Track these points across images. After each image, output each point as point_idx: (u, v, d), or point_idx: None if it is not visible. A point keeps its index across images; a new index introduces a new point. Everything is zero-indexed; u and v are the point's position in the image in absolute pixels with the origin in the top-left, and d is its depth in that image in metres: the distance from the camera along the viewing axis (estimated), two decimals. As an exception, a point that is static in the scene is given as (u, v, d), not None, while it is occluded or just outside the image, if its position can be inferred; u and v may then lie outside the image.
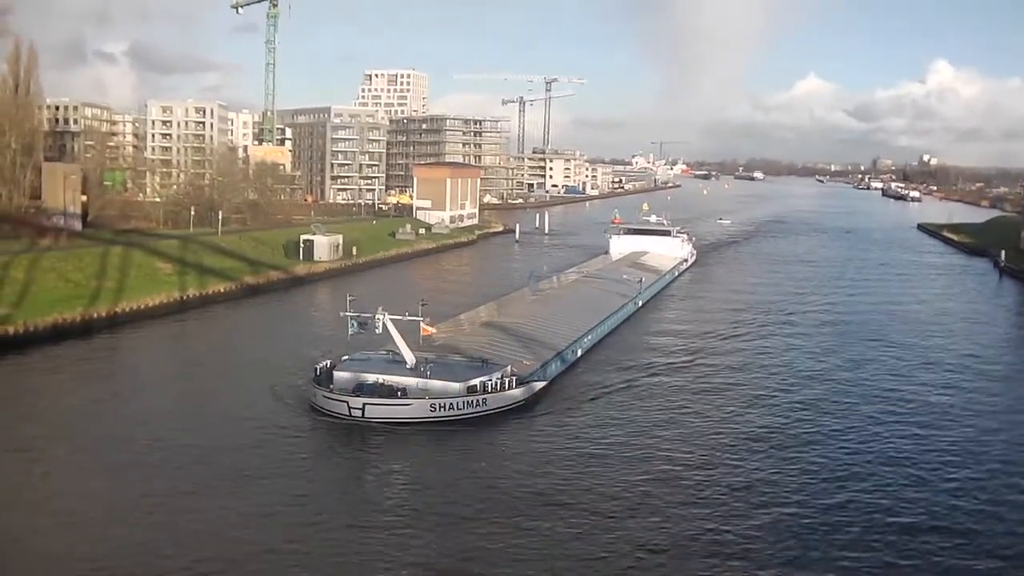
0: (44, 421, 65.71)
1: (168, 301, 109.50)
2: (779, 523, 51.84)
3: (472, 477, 58.09)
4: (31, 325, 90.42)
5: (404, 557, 46.26)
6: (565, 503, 53.49)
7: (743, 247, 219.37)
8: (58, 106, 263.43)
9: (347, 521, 50.57)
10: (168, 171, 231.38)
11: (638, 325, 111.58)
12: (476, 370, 73.16)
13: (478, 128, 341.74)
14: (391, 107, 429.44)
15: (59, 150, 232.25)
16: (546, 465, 60.13)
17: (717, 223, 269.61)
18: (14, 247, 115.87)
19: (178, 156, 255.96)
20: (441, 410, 67.78)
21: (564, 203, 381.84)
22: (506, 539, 48.53)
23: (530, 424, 69.61)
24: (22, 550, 45.05)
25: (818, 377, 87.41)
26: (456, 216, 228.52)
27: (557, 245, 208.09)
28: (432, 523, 50.44)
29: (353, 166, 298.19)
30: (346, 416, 66.16)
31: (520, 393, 73.16)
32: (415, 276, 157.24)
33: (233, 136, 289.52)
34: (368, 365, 73.33)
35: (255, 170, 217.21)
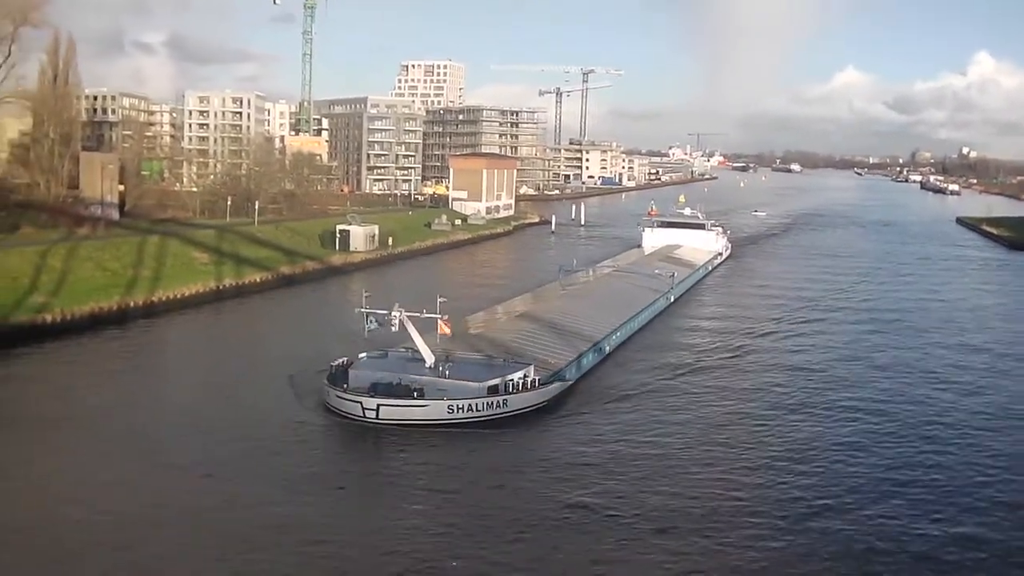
0: (74, 409, 65.52)
1: (204, 291, 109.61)
2: (841, 537, 47.98)
3: (477, 487, 54.28)
4: (68, 314, 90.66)
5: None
6: (584, 525, 48.89)
7: (780, 240, 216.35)
8: (96, 96, 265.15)
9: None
10: (205, 161, 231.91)
11: (670, 321, 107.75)
12: (498, 369, 69.94)
13: (515, 119, 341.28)
14: (428, 98, 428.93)
15: (97, 140, 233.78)
16: (563, 475, 56.07)
17: (752, 215, 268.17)
18: (52, 236, 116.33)
19: (215, 146, 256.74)
20: (459, 412, 64.35)
21: (600, 194, 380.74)
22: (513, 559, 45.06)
23: (552, 427, 66.08)
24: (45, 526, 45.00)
25: (860, 382, 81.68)
26: (492, 207, 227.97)
27: (593, 237, 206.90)
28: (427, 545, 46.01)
29: (389, 157, 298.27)
30: (360, 417, 63.32)
31: (543, 393, 69.54)
32: (450, 267, 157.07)
33: (270, 126, 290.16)
34: (385, 363, 70.49)
35: (291, 160, 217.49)
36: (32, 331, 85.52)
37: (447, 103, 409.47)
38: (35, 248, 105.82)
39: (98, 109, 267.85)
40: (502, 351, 76.40)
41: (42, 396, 68.80)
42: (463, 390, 65.55)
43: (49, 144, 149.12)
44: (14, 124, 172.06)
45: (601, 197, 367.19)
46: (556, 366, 75.53)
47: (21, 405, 66.63)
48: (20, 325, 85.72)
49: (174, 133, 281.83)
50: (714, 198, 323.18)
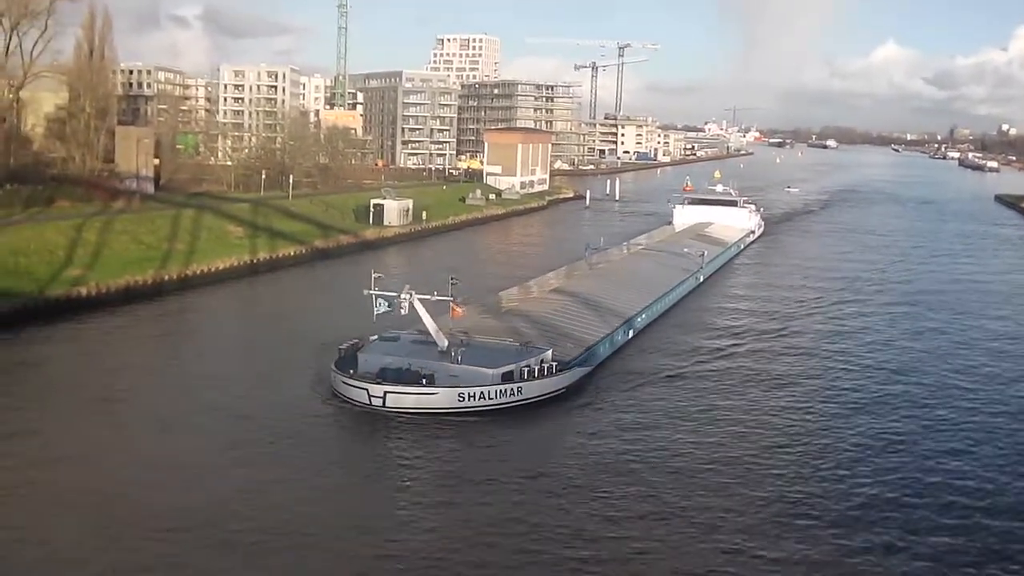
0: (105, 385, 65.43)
1: (238, 264, 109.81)
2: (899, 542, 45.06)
3: (472, 484, 50.31)
4: (103, 287, 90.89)
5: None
6: (597, 535, 44.55)
7: (815, 218, 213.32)
8: (132, 70, 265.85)
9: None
10: (240, 135, 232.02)
11: (699, 302, 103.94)
12: (513, 354, 65.83)
13: (550, 93, 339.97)
14: (463, 72, 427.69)
15: (132, 114, 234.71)
16: (573, 470, 52.49)
17: (785, 191, 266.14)
18: (87, 210, 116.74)
19: (250, 120, 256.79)
20: (470, 400, 60.80)
21: (635, 170, 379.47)
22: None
23: (568, 417, 62.35)
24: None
25: (902, 369, 77.22)
26: (526, 182, 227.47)
27: (627, 212, 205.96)
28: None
29: (424, 131, 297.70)
30: (366, 404, 60.18)
31: (561, 380, 65.77)
32: (483, 242, 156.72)
33: (305, 100, 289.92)
34: (395, 347, 66.59)
35: (326, 134, 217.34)
36: (67, 304, 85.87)
37: (482, 77, 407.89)
38: (71, 222, 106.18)
39: (134, 83, 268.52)
40: (519, 334, 72.29)
41: (73, 370, 69.10)
42: (475, 377, 61.94)
43: (85, 118, 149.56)
44: (50, 98, 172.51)
45: (636, 172, 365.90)
46: (576, 351, 71.87)
47: (54, 378, 66.82)
48: (56, 298, 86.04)
49: (209, 107, 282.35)
50: (749, 174, 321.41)
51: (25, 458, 50.16)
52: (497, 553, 42.71)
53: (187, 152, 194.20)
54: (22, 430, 54.32)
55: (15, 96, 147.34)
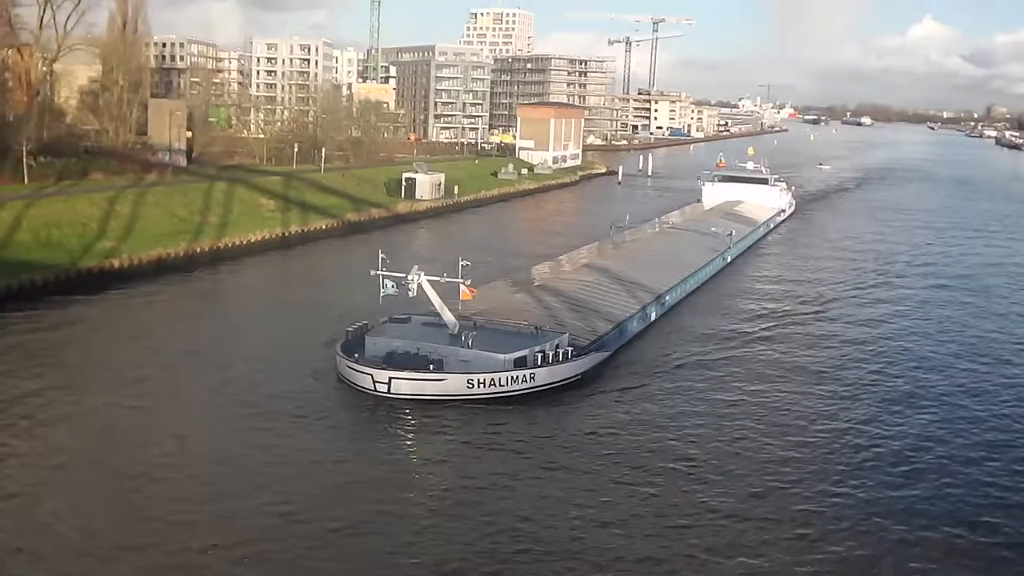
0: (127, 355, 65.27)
1: (270, 237, 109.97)
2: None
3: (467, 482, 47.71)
4: (135, 259, 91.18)
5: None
6: (603, 546, 41.38)
7: (848, 197, 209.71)
8: (165, 43, 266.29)
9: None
10: (272, 108, 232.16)
11: (725, 284, 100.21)
12: (527, 339, 62.99)
13: (583, 68, 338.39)
14: (496, 46, 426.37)
15: (165, 87, 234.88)
16: (583, 465, 49.60)
17: (817, 168, 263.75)
18: (120, 182, 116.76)
19: (282, 93, 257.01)
20: (480, 386, 57.97)
21: (668, 145, 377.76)
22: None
23: (582, 405, 59.13)
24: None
25: (939, 358, 73.37)
26: (559, 157, 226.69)
27: (660, 188, 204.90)
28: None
29: (456, 105, 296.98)
30: (371, 390, 57.48)
31: (577, 366, 62.61)
32: (514, 217, 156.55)
33: (337, 74, 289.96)
34: (406, 330, 64.12)
35: (359, 108, 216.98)
36: (100, 276, 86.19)
37: (515, 51, 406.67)
38: (103, 194, 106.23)
39: (167, 56, 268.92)
40: (534, 317, 69.16)
41: (101, 342, 69.19)
42: (486, 362, 59.09)
43: (118, 91, 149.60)
44: (84, 71, 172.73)
45: (669, 148, 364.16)
46: (593, 335, 68.84)
47: (82, 350, 67.07)
48: (88, 270, 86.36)
49: (242, 80, 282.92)
50: (784, 150, 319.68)
51: (48, 423, 50.79)
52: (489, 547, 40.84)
53: (219, 125, 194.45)
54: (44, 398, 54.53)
55: (49, 69, 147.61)
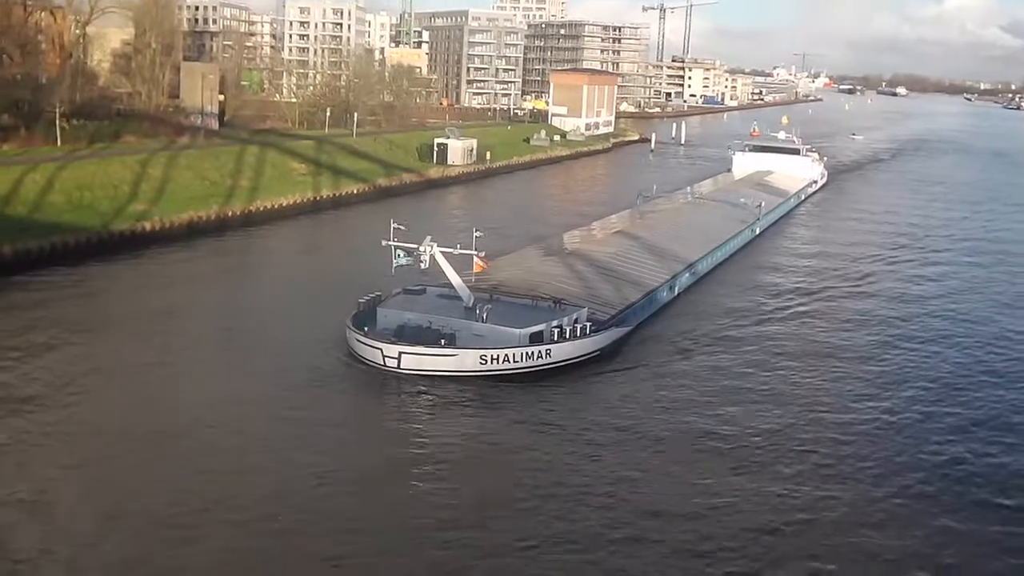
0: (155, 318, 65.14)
1: (301, 201, 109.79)
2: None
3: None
4: (167, 222, 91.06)
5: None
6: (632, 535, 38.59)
7: (882, 168, 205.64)
8: (197, 6, 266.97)
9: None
10: (304, 72, 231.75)
11: (753, 256, 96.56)
12: (545, 313, 60.41)
13: (617, 35, 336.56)
14: (529, 11, 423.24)
15: (198, 50, 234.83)
16: (597, 447, 46.79)
17: (850, 138, 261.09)
18: (153, 145, 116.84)
19: (315, 57, 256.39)
20: (493, 362, 55.27)
21: (701, 114, 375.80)
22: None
23: (599, 383, 56.37)
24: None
25: (979, 338, 69.43)
26: (591, 123, 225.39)
27: (692, 156, 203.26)
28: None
29: (489, 71, 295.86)
30: (380, 365, 55.23)
31: (596, 342, 59.74)
32: (545, 184, 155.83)
33: (370, 38, 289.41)
34: (419, 302, 61.63)
35: (391, 72, 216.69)
36: (132, 239, 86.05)
37: (549, 17, 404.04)
38: (136, 157, 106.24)
39: (199, 19, 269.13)
40: (553, 289, 66.21)
41: (130, 304, 68.96)
42: (500, 337, 56.48)
43: (151, 54, 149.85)
44: (117, 34, 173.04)
45: (702, 116, 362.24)
46: (614, 309, 66.06)
47: (114, 310, 67.17)
48: (120, 232, 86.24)
49: (274, 44, 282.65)
50: (817, 120, 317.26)
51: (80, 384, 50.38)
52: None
53: (252, 89, 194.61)
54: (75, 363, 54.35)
55: (82, 32, 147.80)
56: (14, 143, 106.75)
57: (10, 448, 43.13)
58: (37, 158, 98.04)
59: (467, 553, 36.88)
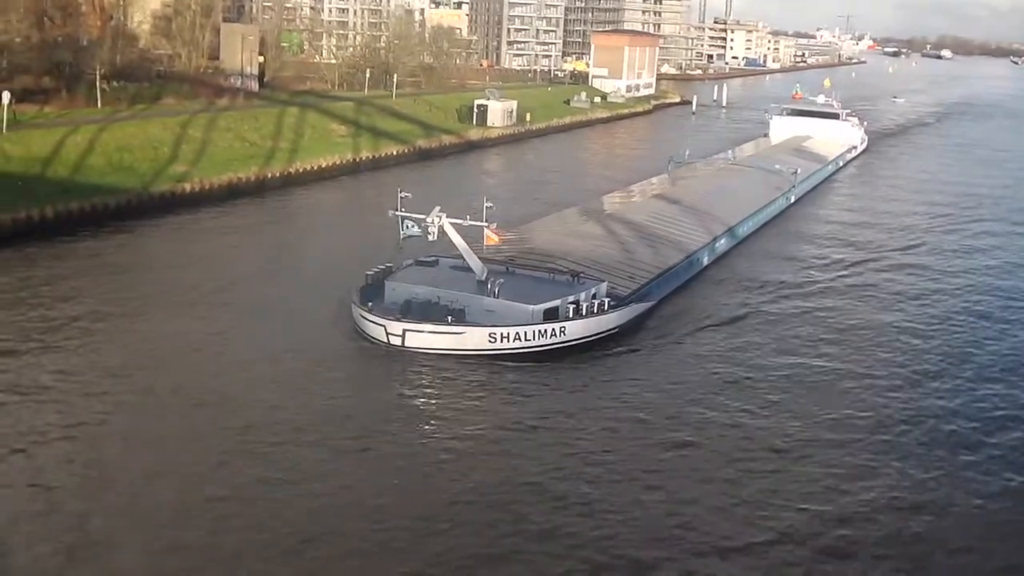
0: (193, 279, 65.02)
1: (341, 163, 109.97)
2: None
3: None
4: (207, 183, 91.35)
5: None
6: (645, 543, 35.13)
7: (925, 132, 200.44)
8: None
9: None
10: (344, 33, 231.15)
11: (787, 225, 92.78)
12: (562, 287, 57.14)
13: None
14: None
15: (237, 11, 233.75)
16: (616, 441, 43.13)
17: (892, 101, 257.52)
18: (193, 107, 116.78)
19: (354, 18, 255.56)
20: (503, 340, 51.99)
21: (743, 76, 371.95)
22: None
23: (616, 363, 52.99)
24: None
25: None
26: (632, 85, 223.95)
27: (734, 119, 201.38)
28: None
29: (530, 31, 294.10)
30: (384, 343, 52.29)
31: (614, 318, 56.26)
32: (585, 146, 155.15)
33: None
34: (428, 275, 58.07)
35: (431, 34, 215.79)
36: (172, 200, 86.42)
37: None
38: (176, 119, 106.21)
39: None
40: (573, 262, 62.20)
41: (170, 265, 69.17)
42: (512, 313, 53.38)
43: (190, 15, 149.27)
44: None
45: (744, 79, 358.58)
46: (635, 283, 62.63)
47: (153, 271, 67.29)
48: (160, 194, 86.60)
49: (314, 5, 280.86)
50: (860, 83, 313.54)
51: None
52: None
53: (291, 50, 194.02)
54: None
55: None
56: (55, 105, 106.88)
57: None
58: (78, 120, 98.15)
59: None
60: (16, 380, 45.81)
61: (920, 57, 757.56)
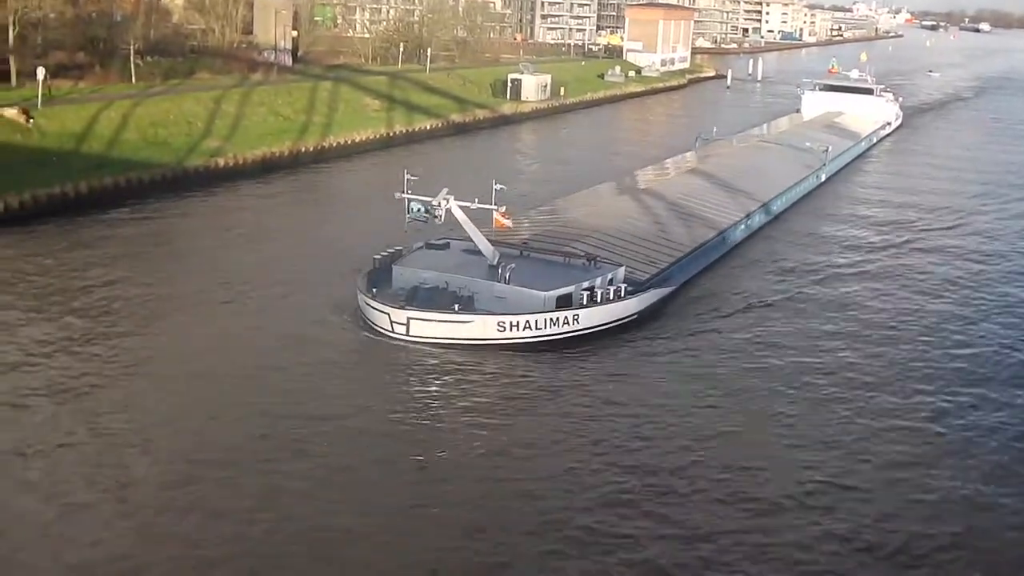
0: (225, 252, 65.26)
1: (374, 137, 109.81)
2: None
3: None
4: (240, 158, 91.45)
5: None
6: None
7: (963, 107, 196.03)
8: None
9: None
10: (378, 7, 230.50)
11: (817, 205, 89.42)
12: (577, 272, 53.80)
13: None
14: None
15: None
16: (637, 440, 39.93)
17: (927, 75, 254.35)
18: (226, 82, 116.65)
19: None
20: (512, 329, 48.85)
21: (779, 50, 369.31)
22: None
23: (633, 355, 49.65)
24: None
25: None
26: (667, 59, 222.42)
27: (769, 93, 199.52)
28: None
29: (564, 5, 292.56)
30: (388, 332, 49.18)
31: (631, 305, 52.99)
32: (619, 120, 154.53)
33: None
34: (438, 259, 54.97)
35: (465, 7, 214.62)
36: (206, 175, 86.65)
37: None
38: (210, 93, 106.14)
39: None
40: (590, 245, 59.27)
41: (202, 240, 69.30)
42: (523, 300, 50.13)
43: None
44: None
45: (779, 53, 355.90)
46: (656, 266, 59.39)
47: (186, 246, 67.64)
48: (195, 168, 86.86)
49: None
50: (897, 57, 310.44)
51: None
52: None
53: (325, 24, 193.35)
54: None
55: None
56: (90, 81, 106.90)
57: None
58: (112, 95, 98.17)
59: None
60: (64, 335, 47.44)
61: (958, 30, 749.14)
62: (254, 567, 30.97)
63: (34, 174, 74.91)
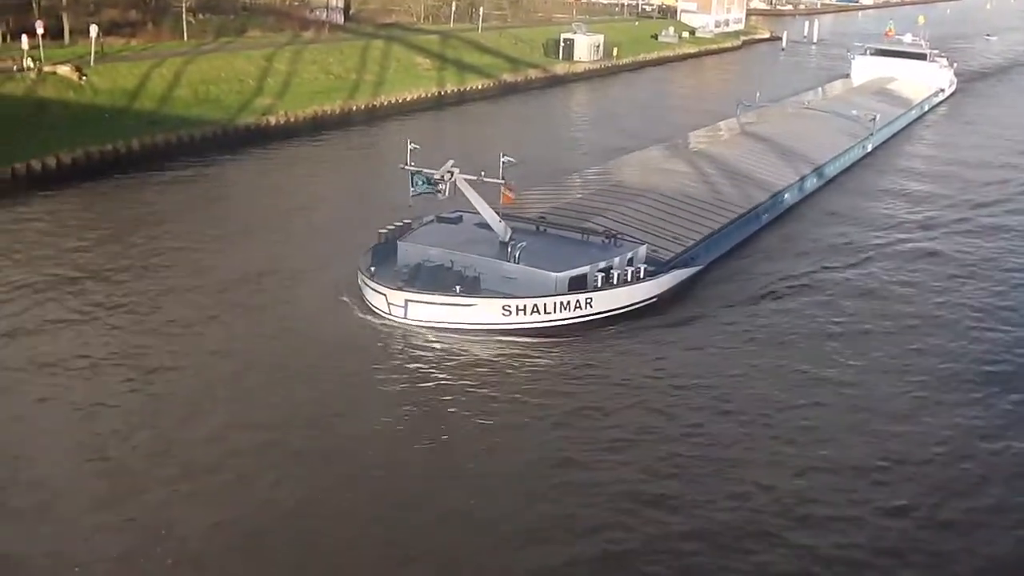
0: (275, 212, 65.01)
1: (425, 96, 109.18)
2: None
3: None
4: (291, 116, 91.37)
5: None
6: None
7: (1022, 75, 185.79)
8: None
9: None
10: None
11: (862, 178, 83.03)
12: (595, 250, 49.13)
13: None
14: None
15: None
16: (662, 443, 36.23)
17: (985, 39, 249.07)
18: (278, 39, 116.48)
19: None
20: (519, 314, 44.72)
21: (835, 11, 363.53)
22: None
23: (651, 344, 45.14)
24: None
25: None
26: (721, 20, 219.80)
27: (824, 55, 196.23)
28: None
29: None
30: (386, 314, 45.50)
31: (652, 287, 48.67)
32: (672, 81, 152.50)
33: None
34: (446, 235, 50.52)
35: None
36: (257, 133, 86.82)
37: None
38: (261, 51, 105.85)
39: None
40: (610, 220, 54.91)
41: (254, 198, 69.50)
42: (533, 282, 45.82)
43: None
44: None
45: (836, 15, 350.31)
46: (681, 244, 54.61)
47: (236, 204, 67.89)
48: (247, 126, 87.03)
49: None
50: (956, 20, 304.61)
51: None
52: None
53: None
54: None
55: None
56: (142, 38, 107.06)
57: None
58: (164, 53, 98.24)
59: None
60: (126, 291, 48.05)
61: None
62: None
63: (87, 131, 75.42)
